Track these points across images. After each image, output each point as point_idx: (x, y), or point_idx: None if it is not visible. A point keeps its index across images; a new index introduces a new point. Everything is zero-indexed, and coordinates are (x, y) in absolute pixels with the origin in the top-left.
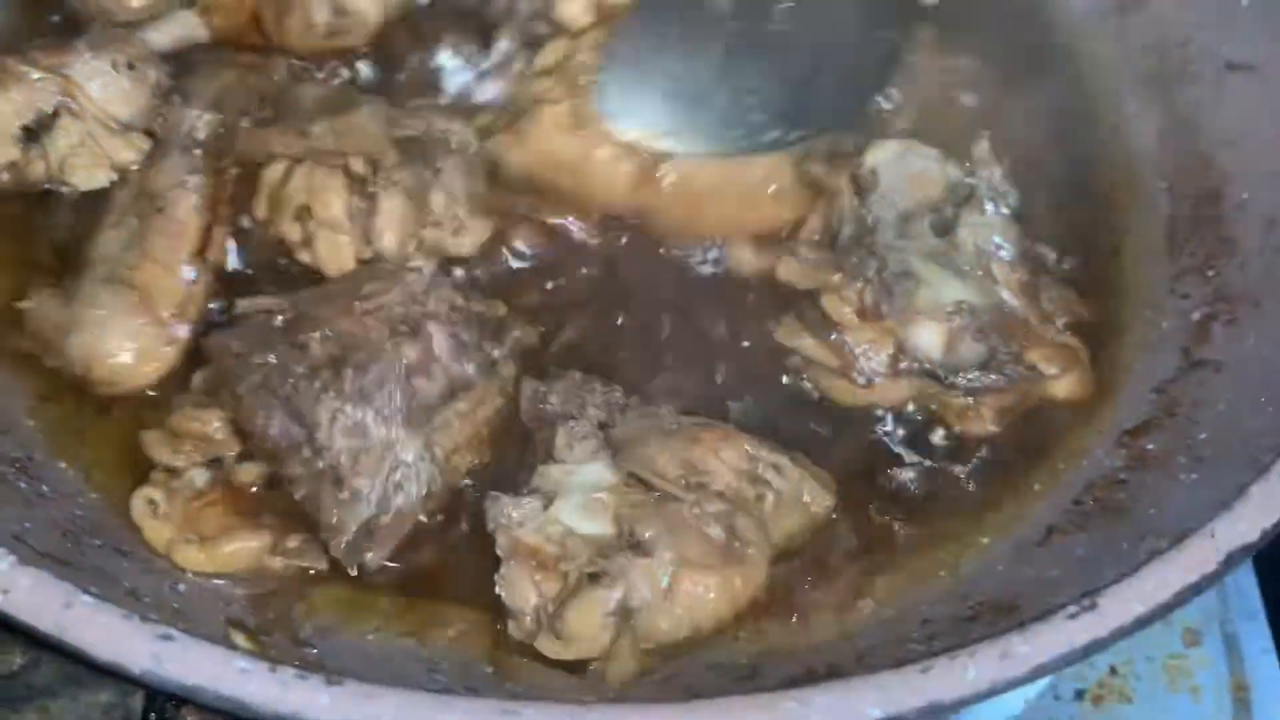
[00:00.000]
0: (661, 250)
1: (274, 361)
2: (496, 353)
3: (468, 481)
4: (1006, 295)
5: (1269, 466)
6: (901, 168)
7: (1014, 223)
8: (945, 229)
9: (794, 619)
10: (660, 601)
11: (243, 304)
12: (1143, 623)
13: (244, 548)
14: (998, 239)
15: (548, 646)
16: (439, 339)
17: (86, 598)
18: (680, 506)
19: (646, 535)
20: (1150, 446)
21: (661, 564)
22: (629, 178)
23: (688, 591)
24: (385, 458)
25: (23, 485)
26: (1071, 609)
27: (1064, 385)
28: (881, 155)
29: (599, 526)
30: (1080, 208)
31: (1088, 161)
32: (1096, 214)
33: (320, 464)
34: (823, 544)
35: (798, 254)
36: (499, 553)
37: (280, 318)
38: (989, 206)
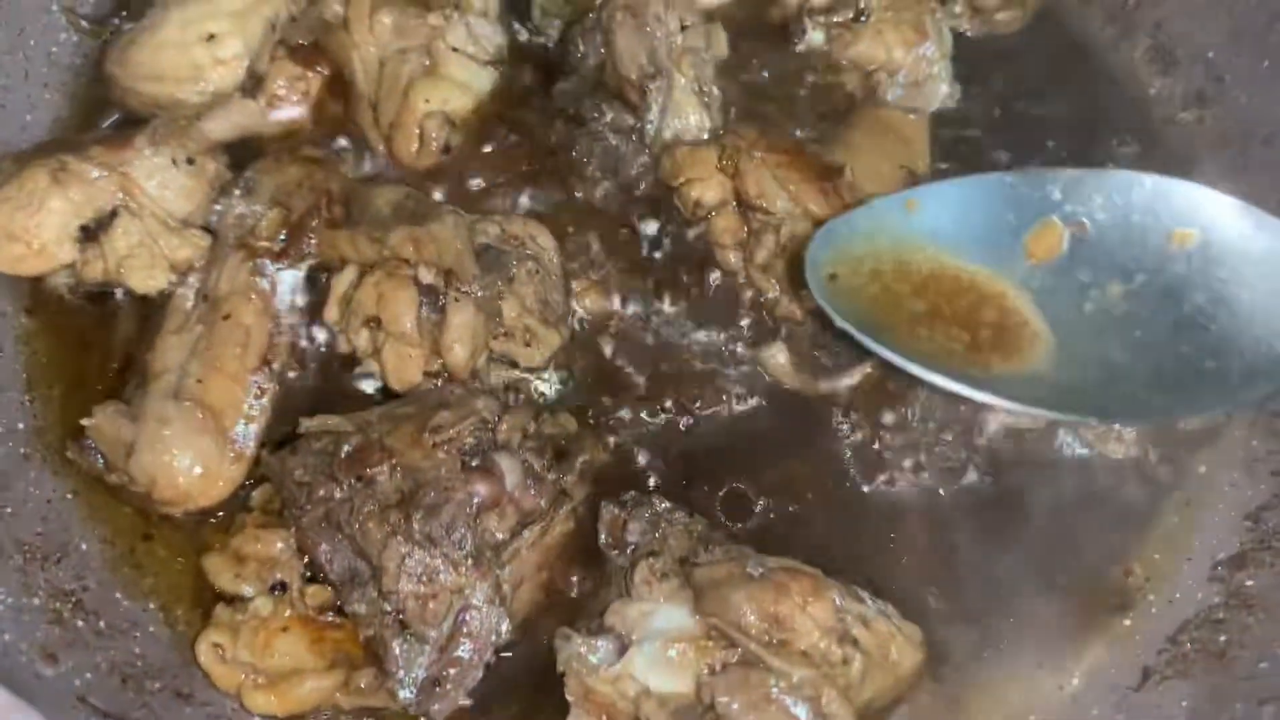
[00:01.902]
0: None
1: (340, 496)
2: (568, 478)
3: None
4: None
5: None
6: None
7: None
8: None
9: None
10: None
11: (307, 424)
12: None
13: (315, 687)
14: None
15: None
16: (509, 472)
17: None
18: (765, 676)
19: (731, 708)
20: (1249, 583)
21: None
22: None
23: None
24: (454, 603)
25: (80, 624)
26: None
27: None
28: None
29: (676, 685)
30: None
31: None
32: None
33: (387, 607)
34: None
35: None
36: (568, 697)
37: (347, 445)
38: None
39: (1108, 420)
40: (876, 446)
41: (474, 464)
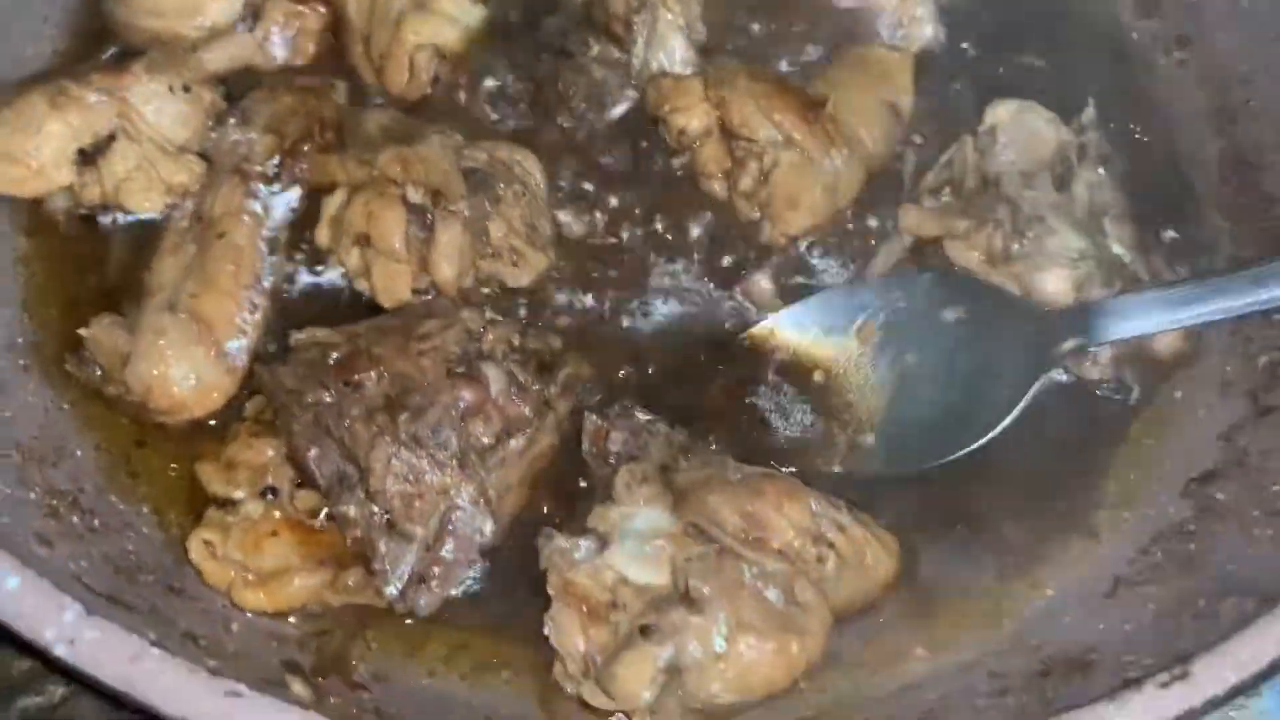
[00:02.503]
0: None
1: (328, 401)
2: (551, 390)
3: (520, 518)
4: (1118, 249)
5: None
6: (1019, 126)
7: (1120, 183)
8: (1061, 185)
9: (853, 670)
10: (712, 663)
11: (297, 336)
12: (1237, 692)
13: (303, 585)
14: (1109, 195)
15: (593, 697)
16: (495, 380)
17: (154, 650)
18: (739, 564)
19: (703, 591)
20: (1220, 496)
21: (716, 624)
22: None
23: (741, 655)
24: (439, 503)
25: (75, 520)
26: (1163, 677)
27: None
28: (1001, 114)
29: (653, 576)
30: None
31: None
32: None
33: (374, 508)
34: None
35: (920, 203)
36: (549, 590)
37: (335, 354)
38: (1099, 168)
39: (897, 471)
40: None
41: (459, 370)
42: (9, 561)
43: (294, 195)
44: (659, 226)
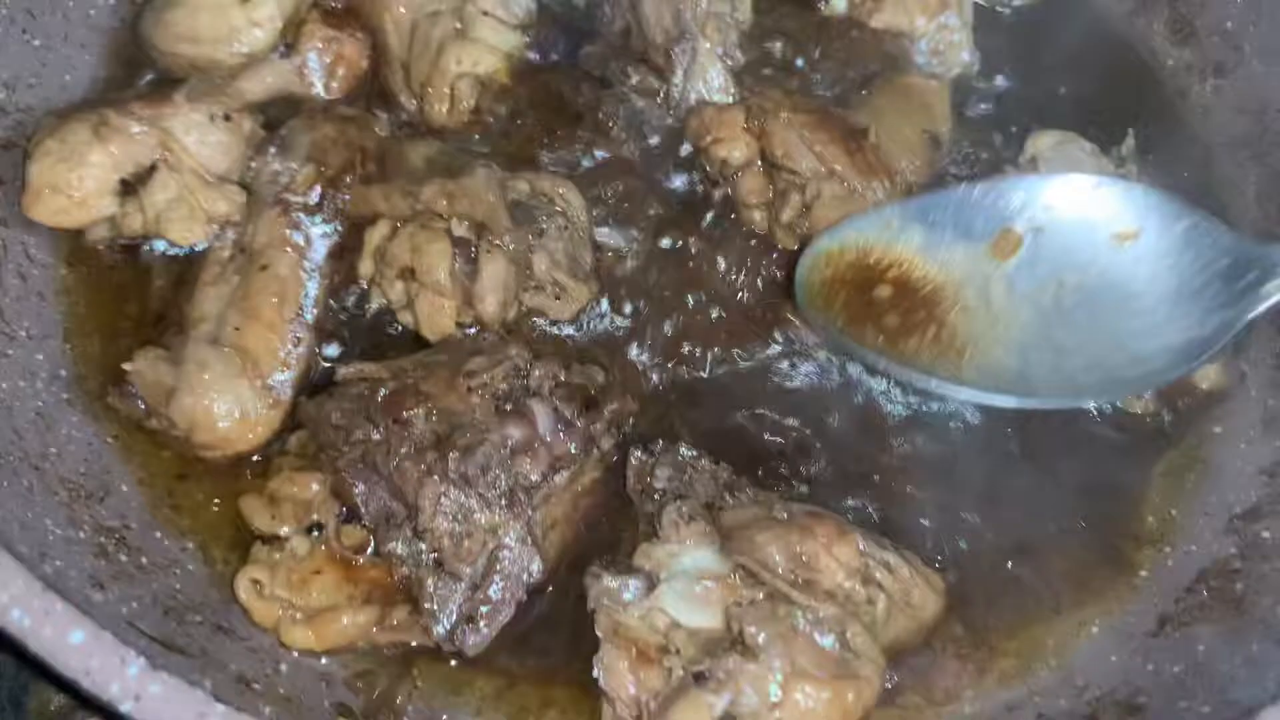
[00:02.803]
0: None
1: (376, 438)
2: (596, 426)
3: (566, 554)
4: None
5: None
6: (1061, 157)
7: None
8: None
9: (903, 712)
10: (768, 712)
11: (343, 371)
12: None
13: (351, 624)
14: None
15: None
16: (542, 417)
17: (218, 706)
18: (792, 609)
19: (758, 638)
20: (1265, 534)
21: (771, 671)
22: None
23: (798, 704)
24: (488, 541)
25: (124, 558)
26: None
27: None
28: (1042, 144)
29: (705, 619)
30: None
31: None
32: None
33: (422, 546)
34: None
35: None
36: (598, 632)
37: (383, 390)
38: None
39: (1047, 406)
40: (897, 396)
41: (508, 408)
42: (70, 614)
43: (336, 226)
44: (699, 258)
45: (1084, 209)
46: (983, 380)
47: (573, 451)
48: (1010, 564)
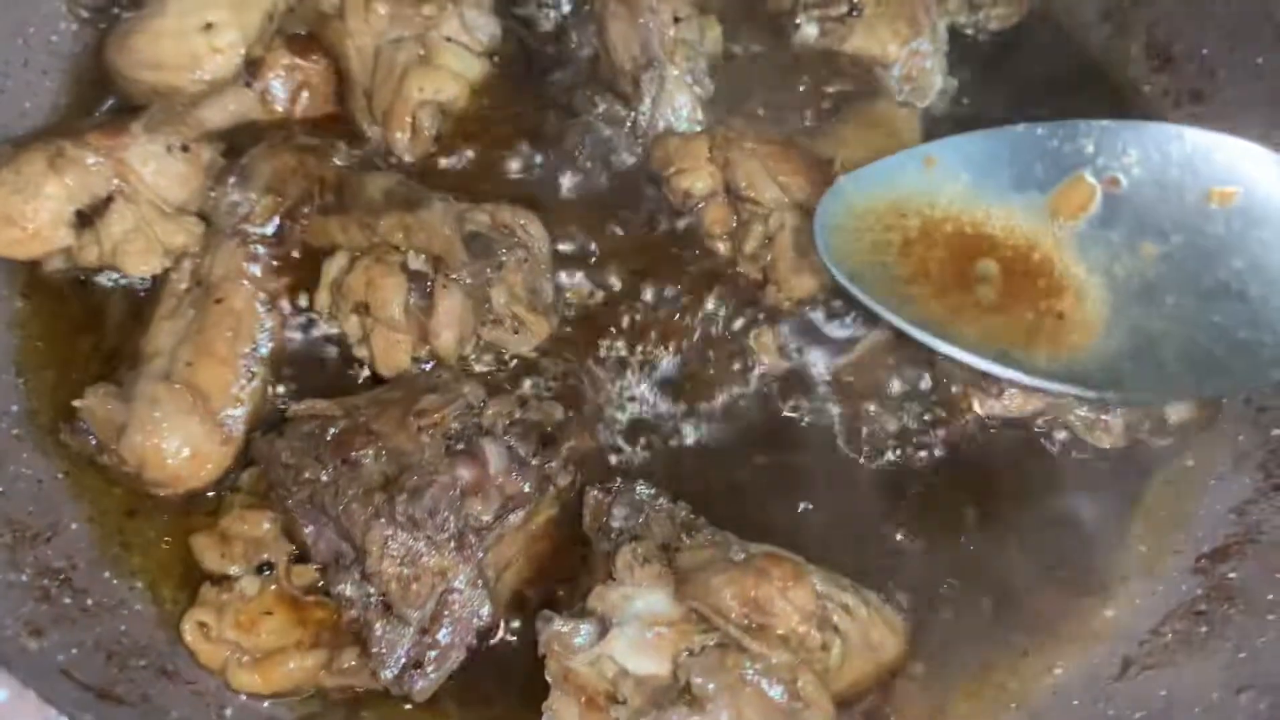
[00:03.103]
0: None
1: (324, 480)
2: (552, 465)
3: (519, 595)
4: None
5: None
6: None
7: None
8: None
9: None
10: None
11: (295, 407)
12: None
13: (299, 666)
14: None
15: None
16: (495, 457)
17: None
18: (742, 659)
19: (706, 689)
20: (1231, 575)
21: None
22: None
23: None
24: (436, 585)
25: (67, 600)
26: None
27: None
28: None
29: (654, 666)
30: None
31: None
32: None
33: (370, 589)
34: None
35: None
36: (548, 677)
37: (332, 429)
38: None
39: (1132, 400)
40: (861, 431)
41: (458, 448)
42: None
43: (293, 257)
44: (663, 289)
45: (1170, 162)
46: (1051, 367)
47: (526, 490)
48: (975, 603)
